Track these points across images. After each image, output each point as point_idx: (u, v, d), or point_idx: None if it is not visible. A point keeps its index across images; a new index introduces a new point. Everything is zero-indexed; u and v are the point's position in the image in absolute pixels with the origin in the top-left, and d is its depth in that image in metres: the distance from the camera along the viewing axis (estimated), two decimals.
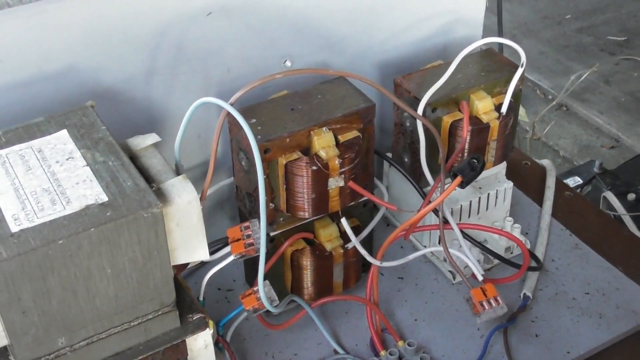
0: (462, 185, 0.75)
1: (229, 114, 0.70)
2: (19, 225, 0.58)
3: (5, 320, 0.58)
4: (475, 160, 0.75)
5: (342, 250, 0.81)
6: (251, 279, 0.86)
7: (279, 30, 0.84)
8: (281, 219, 0.79)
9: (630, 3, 3.05)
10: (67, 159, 0.64)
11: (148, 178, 0.64)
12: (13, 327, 0.58)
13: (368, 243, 0.84)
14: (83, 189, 0.61)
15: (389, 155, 0.91)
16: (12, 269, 0.56)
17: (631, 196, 1.60)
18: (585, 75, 2.32)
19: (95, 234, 0.58)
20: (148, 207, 0.59)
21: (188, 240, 0.64)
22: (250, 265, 0.85)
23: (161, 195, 0.62)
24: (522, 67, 0.83)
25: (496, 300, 0.77)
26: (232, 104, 0.68)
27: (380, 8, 0.89)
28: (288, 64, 0.86)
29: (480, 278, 0.78)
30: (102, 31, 0.74)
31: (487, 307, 0.77)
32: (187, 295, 0.69)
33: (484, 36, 0.91)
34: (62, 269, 0.58)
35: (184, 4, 0.77)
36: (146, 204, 0.60)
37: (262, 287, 0.71)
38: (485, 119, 0.83)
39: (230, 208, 0.92)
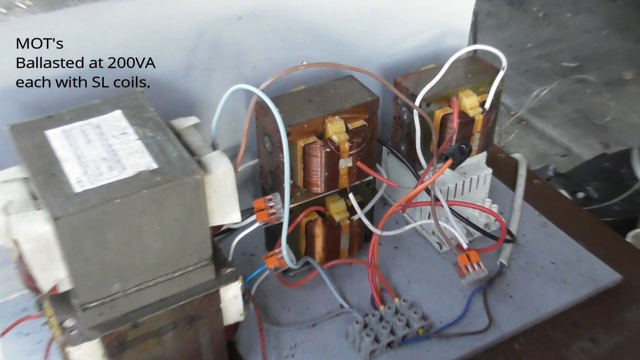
0: (453, 166, 0.75)
1: (257, 102, 0.70)
2: (82, 186, 0.57)
3: (70, 267, 0.57)
4: (464, 146, 0.75)
5: (348, 222, 0.81)
6: (270, 245, 0.86)
7: (299, 35, 0.84)
8: (298, 193, 0.79)
9: (582, 35, 3.06)
10: (122, 134, 0.64)
11: (190, 152, 0.64)
12: (76, 274, 0.58)
13: (369, 217, 0.84)
14: (136, 158, 0.61)
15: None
16: (76, 223, 0.55)
17: (580, 194, 1.63)
18: (542, 95, 2.33)
19: (147, 195, 0.57)
20: (192, 174, 0.59)
21: (223, 206, 0.64)
22: (270, 233, 0.85)
23: (201, 167, 0.62)
24: (503, 70, 0.84)
25: (479, 264, 0.77)
26: (262, 90, 0.68)
27: (383, 20, 0.89)
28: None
29: (465, 246, 0.78)
30: (151, 31, 0.74)
31: (471, 270, 0.77)
32: (220, 254, 0.69)
33: None
34: (118, 224, 0.57)
35: (218, 9, 0.77)
36: (190, 171, 0.59)
37: (285, 246, 0.71)
38: (471, 113, 0.83)
39: (253, 187, 0.91)
